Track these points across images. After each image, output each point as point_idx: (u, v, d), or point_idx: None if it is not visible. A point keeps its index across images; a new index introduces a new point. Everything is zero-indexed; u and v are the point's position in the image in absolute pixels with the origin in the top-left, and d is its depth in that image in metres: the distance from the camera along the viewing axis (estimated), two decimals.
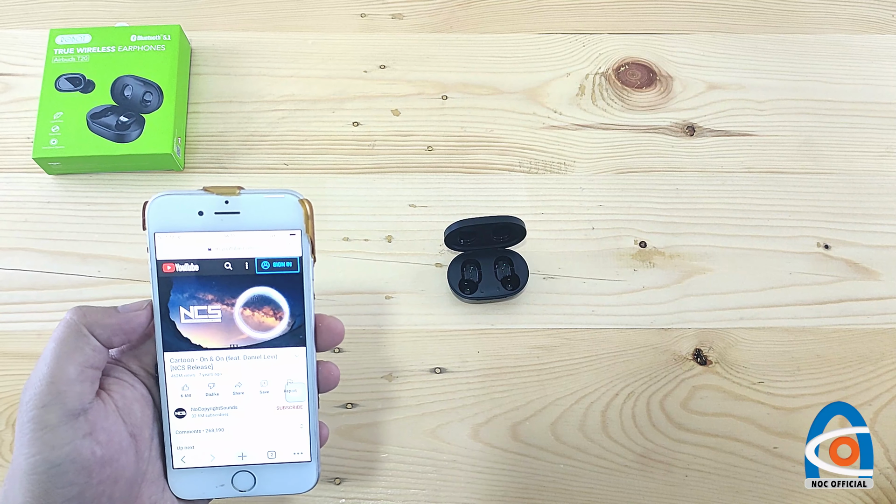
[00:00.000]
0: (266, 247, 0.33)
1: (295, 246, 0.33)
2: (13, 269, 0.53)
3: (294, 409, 0.34)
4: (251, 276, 0.33)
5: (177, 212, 0.32)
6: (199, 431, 0.33)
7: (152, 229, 0.32)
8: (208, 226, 0.32)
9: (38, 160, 0.54)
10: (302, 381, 0.34)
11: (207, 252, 0.33)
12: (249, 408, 0.34)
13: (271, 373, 0.34)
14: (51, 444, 0.28)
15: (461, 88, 0.60)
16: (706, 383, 0.51)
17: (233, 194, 0.32)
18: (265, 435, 0.34)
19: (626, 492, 0.48)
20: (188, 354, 0.33)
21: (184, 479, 0.33)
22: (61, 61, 0.56)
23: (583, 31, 0.63)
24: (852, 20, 0.64)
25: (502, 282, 0.52)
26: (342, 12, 0.63)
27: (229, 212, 0.32)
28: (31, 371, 0.42)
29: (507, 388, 0.50)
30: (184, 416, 0.33)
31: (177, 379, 0.33)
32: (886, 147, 0.59)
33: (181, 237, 0.32)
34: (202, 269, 0.33)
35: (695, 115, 0.60)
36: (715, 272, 0.54)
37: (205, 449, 0.34)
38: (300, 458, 0.34)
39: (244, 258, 0.33)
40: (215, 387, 0.33)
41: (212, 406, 0.33)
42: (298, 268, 0.33)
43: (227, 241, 0.33)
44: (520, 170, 0.57)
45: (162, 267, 0.32)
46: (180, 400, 0.33)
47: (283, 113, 0.59)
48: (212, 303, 0.33)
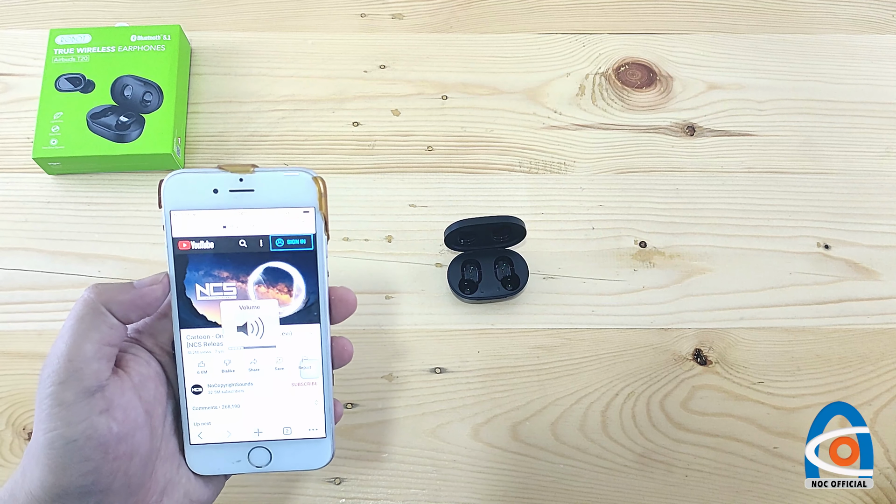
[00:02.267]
0: (280, 224, 0.33)
1: (309, 223, 0.33)
2: (13, 269, 0.53)
3: (309, 386, 0.35)
4: (266, 252, 0.33)
5: (192, 190, 0.33)
6: (215, 408, 0.34)
7: (168, 207, 0.33)
8: (223, 203, 0.33)
9: (38, 160, 0.54)
10: (317, 357, 0.34)
11: (222, 230, 0.33)
12: (265, 384, 0.34)
13: (286, 350, 0.34)
14: (67, 420, 0.28)
15: (461, 88, 0.60)
16: (706, 383, 0.51)
17: (247, 172, 0.33)
18: (280, 411, 0.34)
19: (626, 492, 0.48)
20: (204, 331, 0.33)
21: (201, 455, 0.34)
22: (61, 61, 0.56)
23: (583, 31, 0.63)
24: (852, 20, 0.64)
25: (502, 282, 0.52)
26: (342, 12, 0.63)
27: (244, 189, 0.33)
28: (31, 371, 0.42)
29: (507, 388, 0.51)
30: (200, 393, 0.34)
31: (193, 356, 0.34)
32: (886, 147, 0.59)
33: (196, 215, 0.33)
34: (217, 246, 0.33)
35: (695, 115, 0.60)
36: (715, 272, 0.54)
37: (221, 425, 0.34)
38: (315, 434, 0.35)
39: (259, 235, 0.33)
40: (231, 363, 0.34)
41: (228, 382, 0.34)
42: (312, 245, 0.34)
43: (242, 218, 0.33)
44: (520, 170, 0.57)
45: (178, 245, 0.33)
46: (197, 376, 0.34)
47: (283, 113, 0.59)
48: (227, 280, 0.33)
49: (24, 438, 0.48)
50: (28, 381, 0.50)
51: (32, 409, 0.49)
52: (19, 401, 0.49)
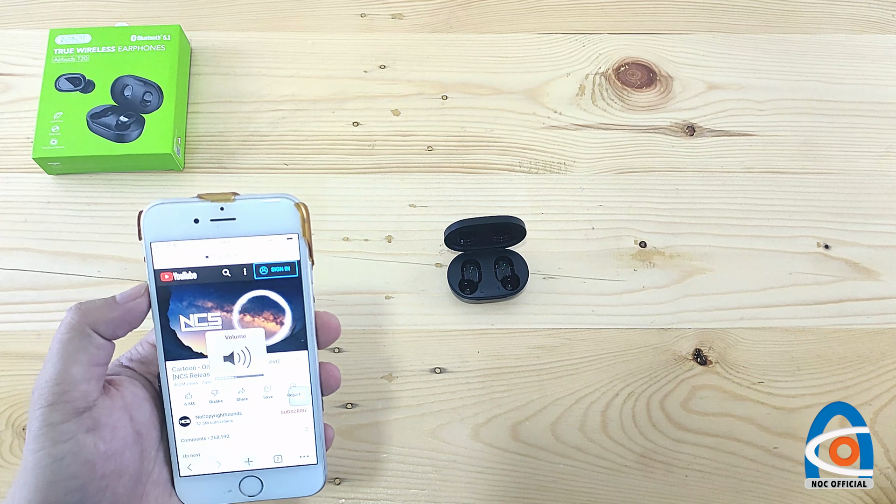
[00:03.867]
0: (264, 252, 0.33)
1: (293, 250, 0.33)
2: (13, 269, 0.53)
3: (298, 413, 0.34)
4: (250, 281, 0.33)
5: (172, 220, 0.32)
6: (204, 439, 0.33)
7: (148, 239, 0.32)
8: (205, 233, 0.32)
9: (38, 160, 0.54)
10: (305, 384, 0.34)
11: (205, 259, 0.32)
12: (254, 413, 0.34)
13: (274, 378, 0.34)
14: (54, 439, 0.28)
15: (461, 88, 0.60)
16: (706, 383, 0.51)
17: (227, 200, 0.32)
18: (271, 440, 0.34)
19: (626, 492, 0.48)
20: (190, 363, 0.33)
21: (191, 487, 0.34)
22: (61, 61, 0.56)
23: (583, 31, 0.63)
24: (852, 20, 0.64)
25: (502, 282, 0.52)
26: (342, 12, 0.63)
27: (225, 218, 0.32)
28: (31, 371, 0.42)
29: (507, 388, 0.51)
30: (188, 425, 0.33)
31: (180, 388, 0.33)
32: (886, 147, 0.59)
33: (178, 245, 0.32)
34: (200, 276, 0.33)
35: (695, 115, 0.60)
36: (715, 272, 0.54)
37: (211, 456, 0.34)
38: (306, 461, 0.34)
39: (242, 264, 0.33)
40: (219, 394, 0.33)
41: (216, 413, 0.33)
42: (297, 271, 0.33)
43: (225, 247, 0.32)
44: (520, 170, 0.57)
45: (160, 276, 0.32)
46: (184, 408, 0.33)
47: (283, 113, 0.59)
48: (212, 310, 0.33)
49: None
50: (28, 382, 0.50)
51: None
52: (19, 401, 0.49)
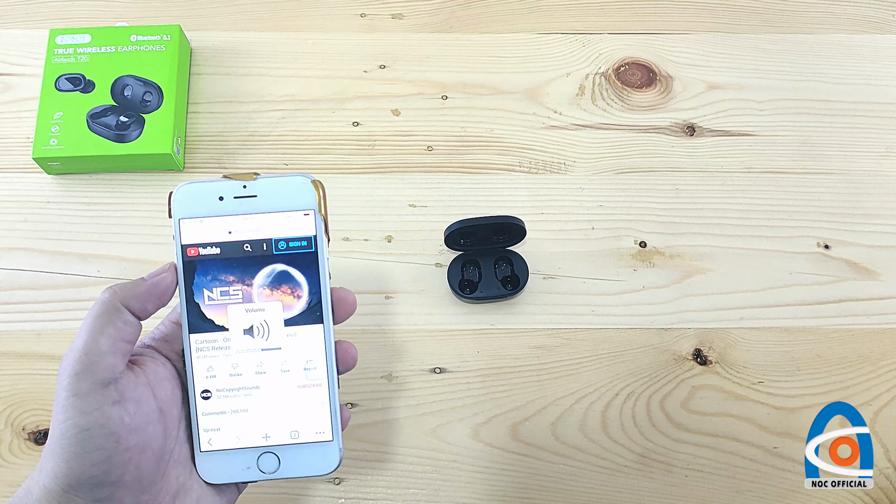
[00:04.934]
0: (282, 227, 0.35)
1: (309, 225, 0.35)
2: (13, 269, 0.53)
3: (314, 387, 0.35)
4: (269, 255, 0.35)
5: (199, 199, 0.34)
6: (224, 413, 0.34)
7: (177, 216, 0.34)
8: (228, 210, 0.34)
9: (38, 160, 0.54)
10: (321, 358, 0.35)
11: (228, 235, 0.34)
12: (272, 387, 0.35)
13: (291, 351, 0.35)
14: (81, 409, 0.29)
15: (461, 88, 0.60)
16: (706, 383, 0.51)
17: (250, 179, 0.35)
18: (287, 414, 0.35)
19: (626, 492, 0.48)
20: (212, 335, 0.34)
21: (211, 462, 0.34)
22: (61, 61, 0.56)
23: (583, 31, 0.63)
24: (852, 20, 0.64)
25: (502, 282, 0.52)
26: (342, 12, 0.63)
27: (247, 195, 0.34)
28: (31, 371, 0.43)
29: (507, 388, 0.51)
30: (209, 398, 0.34)
31: (202, 360, 0.34)
32: (886, 147, 0.59)
33: (203, 222, 0.34)
34: (223, 251, 0.34)
35: (695, 115, 0.60)
36: (715, 272, 0.54)
37: (230, 430, 0.35)
38: (322, 437, 0.35)
39: (262, 239, 0.35)
40: (238, 367, 0.35)
41: (236, 387, 0.35)
42: (313, 246, 0.35)
43: (246, 223, 0.34)
44: (520, 170, 0.57)
45: (186, 251, 0.34)
46: (206, 381, 0.34)
47: (283, 113, 0.59)
48: (233, 283, 0.35)
49: (23, 438, 0.48)
50: (28, 382, 0.50)
51: (32, 409, 0.49)
52: (19, 401, 0.49)
